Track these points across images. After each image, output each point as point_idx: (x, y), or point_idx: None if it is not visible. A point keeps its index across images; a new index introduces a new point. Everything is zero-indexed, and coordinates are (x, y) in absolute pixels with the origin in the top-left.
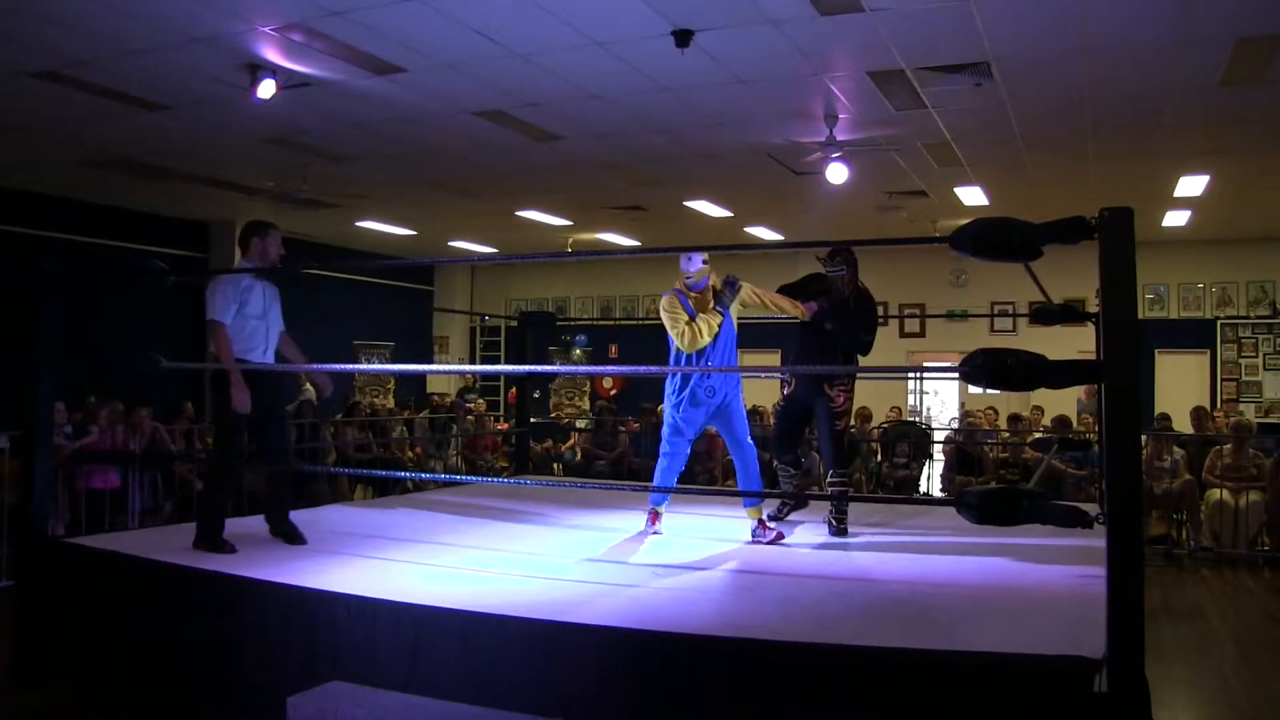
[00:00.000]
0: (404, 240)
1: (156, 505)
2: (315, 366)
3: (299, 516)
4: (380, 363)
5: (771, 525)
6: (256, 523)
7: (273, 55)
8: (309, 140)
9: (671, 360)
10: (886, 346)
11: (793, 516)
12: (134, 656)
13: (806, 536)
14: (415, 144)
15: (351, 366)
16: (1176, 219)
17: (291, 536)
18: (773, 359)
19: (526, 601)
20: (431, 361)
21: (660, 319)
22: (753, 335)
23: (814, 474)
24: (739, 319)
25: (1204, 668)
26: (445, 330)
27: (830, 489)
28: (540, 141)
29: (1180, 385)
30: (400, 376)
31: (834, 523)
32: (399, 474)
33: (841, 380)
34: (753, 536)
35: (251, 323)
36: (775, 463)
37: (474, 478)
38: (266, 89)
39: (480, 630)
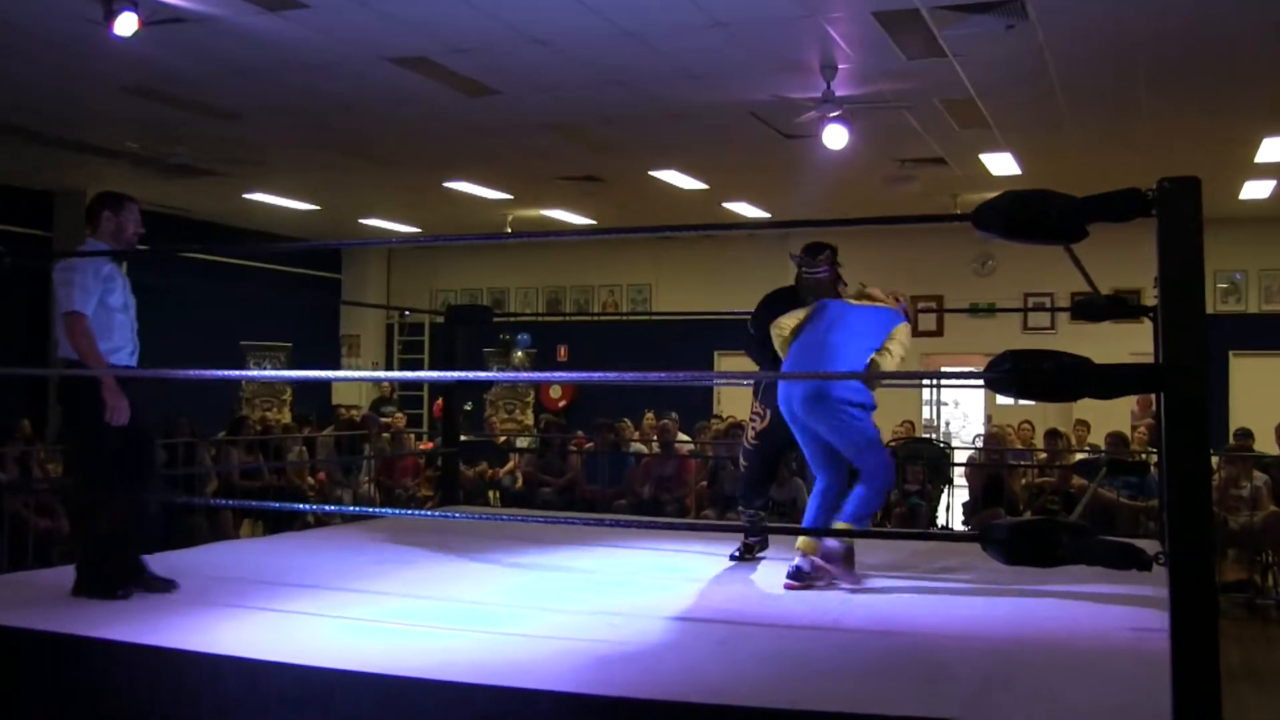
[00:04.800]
0: (304, 217)
1: None
2: (195, 374)
3: (169, 560)
4: (274, 368)
5: (828, 565)
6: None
7: None
8: (182, 91)
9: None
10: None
11: (768, 555)
12: None
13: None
14: (318, 98)
15: (237, 373)
16: (1257, 190)
17: (155, 583)
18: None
19: (459, 661)
20: (338, 366)
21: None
22: (727, 336)
23: (799, 503)
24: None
25: None
26: (355, 328)
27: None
28: (472, 97)
29: (1261, 395)
30: (299, 385)
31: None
32: (297, 505)
33: None
34: (799, 578)
35: (117, 317)
36: (742, 509)
37: (391, 510)
38: (126, 24)
39: (403, 698)
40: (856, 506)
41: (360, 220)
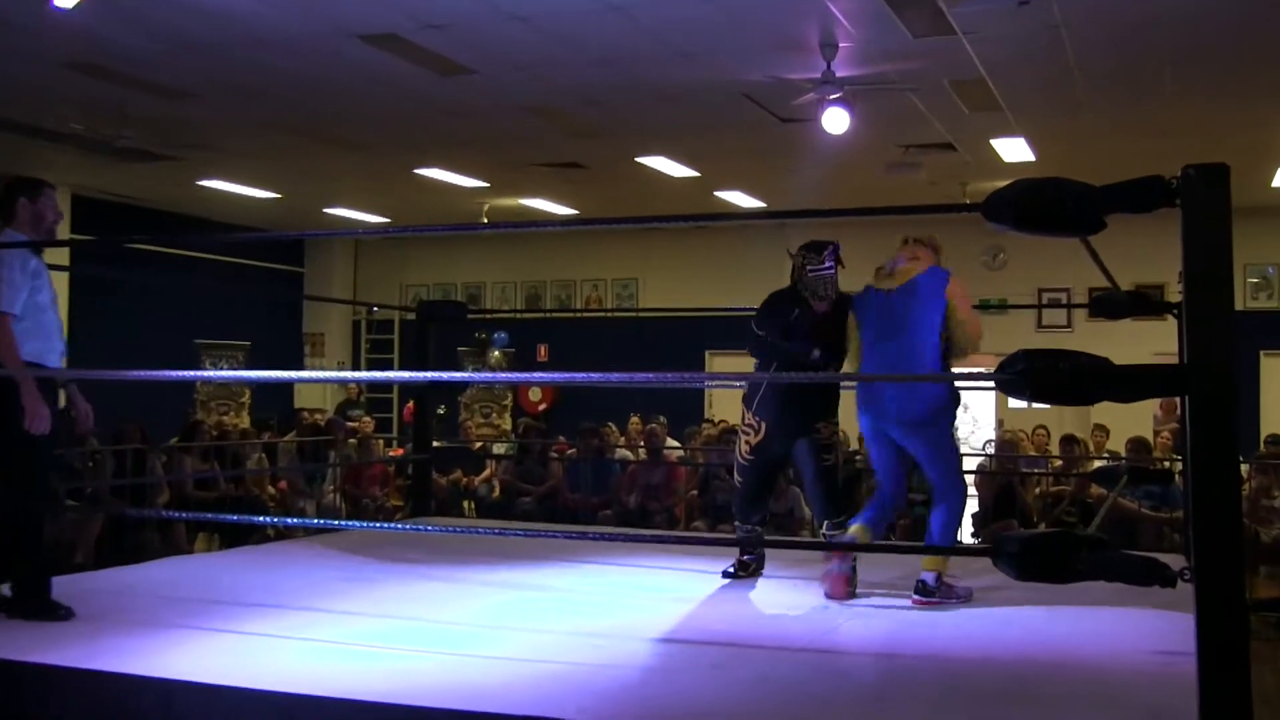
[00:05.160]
0: (264, 206)
1: None
2: (145, 375)
3: (117, 577)
4: (231, 368)
5: (954, 582)
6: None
7: None
8: (130, 68)
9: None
10: None
11: (765, 572)
12: None
13: (791, 598)
14: (278, 77)
15: (192, 374)
16: None
17: (49, 610)
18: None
19: (430, 686)
20: (301, 367)
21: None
22: (719, 334)
23: (796, 514)
24: None
25: None
26: (320, 325)
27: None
28: (446, 76)
29: None
30: (258, 387)
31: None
32: (256, 518)
33: (829, 417)
34: (923, 596)
35: (46, 315)
36: (738, 525)
37: (357, 522)
38: None
39: None
40: (945, 529)
41: (324, 209)
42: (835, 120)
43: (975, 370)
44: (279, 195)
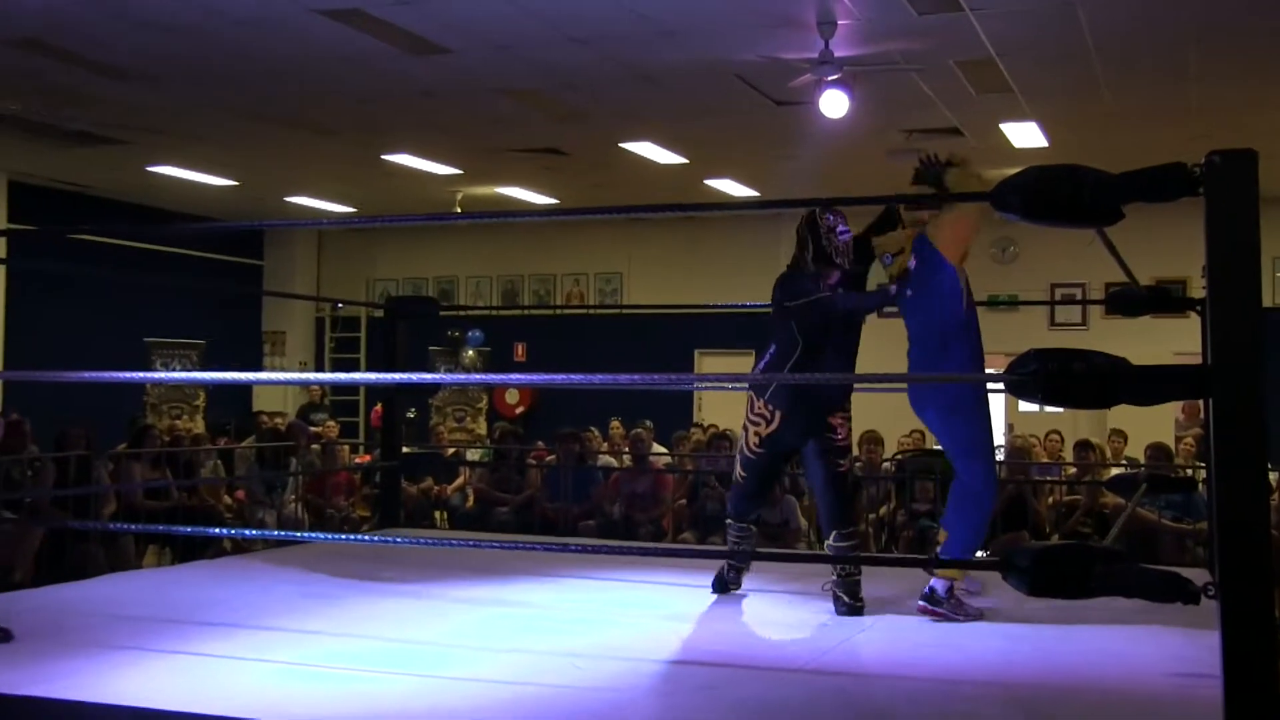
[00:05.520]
0: (221, 194)
1: None
2: (91, 376)
3: (59, 595)
4: (184, 369)
5: (966, 592)
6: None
7: None
8: (75, 45)
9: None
10: (904, 346)
11: (758, 586)
12: None
13: (789, 614)
14: (236, 56)
15: (142, 375)
16: None
17: None
18: (744, 364)
19: (399, 711)
20: (260, 367)
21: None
22: (709, 333)
23: (792, 525)
24: None
25: None
26: (280, 323)
27: (836, 553)
28: (418, 55)
29: None
30: (214, 389)
31: (843, 597)
32: (211, 530)
33: (846, 405)
34: (929, 605)
35: None
36: (732, 522)
37: (321, 534)
38: None
39: None
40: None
41: (286, 198)
42: (833, 103)
43: (984, 374)
44: (236, 183)
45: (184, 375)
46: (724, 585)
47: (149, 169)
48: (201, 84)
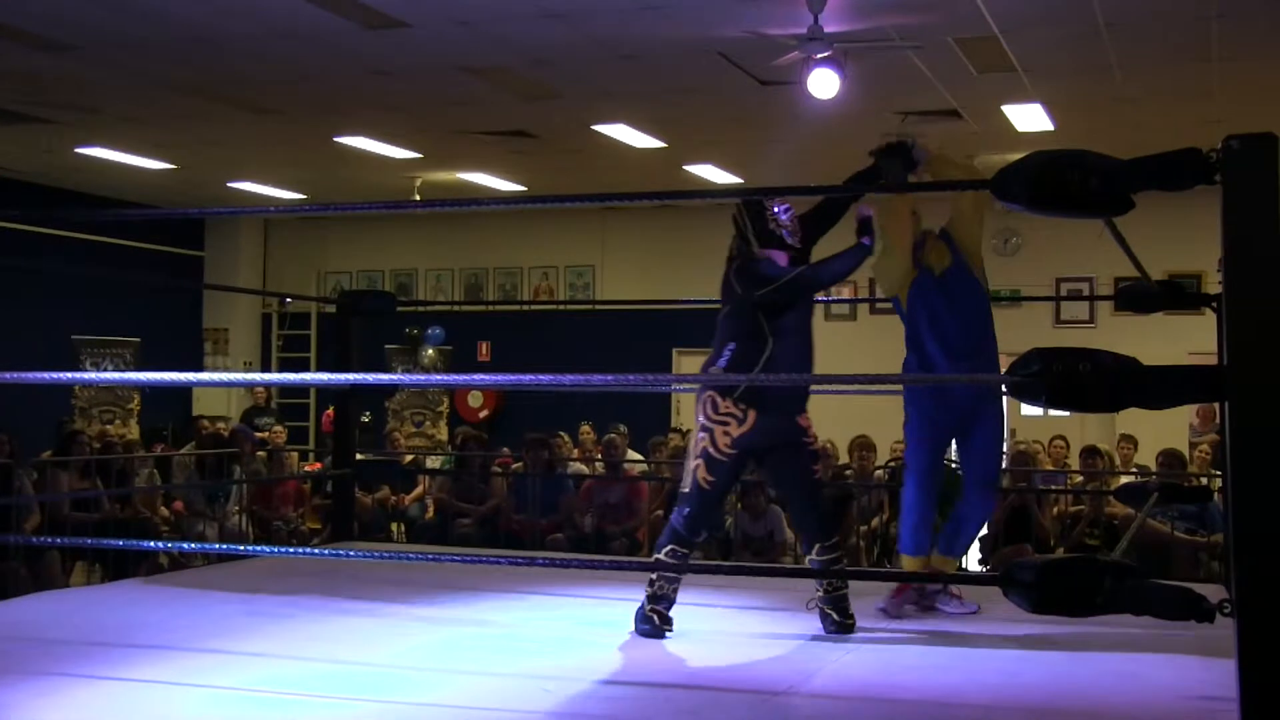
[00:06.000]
0: (158, 179)
1: None
2: (13, 377)
3: None
4: (116, 369)
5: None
6: None
7: None
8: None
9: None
10: (897, 344)
11: (743, 603)
12: None
13: (774, 632)
14: (174, 27)
15: (70, 375)
16: None
17: None
18: None
19: None
20: (200, 367)
21: None
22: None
23: (777, 538)
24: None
25: None
26: (223, 319)
27: (820, 567)
28: (374, 30)
29: None
30: (149, 391)
31: (831, 614)
32: (146, 544)
33: (807, 403)
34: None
35: None
36: (679, 545)
37: (267, 548)
38: None
39: None
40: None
41: (229, 183)
42: (823, 83)
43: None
44: (174, 166)
45: (116, 376)
46: (658, 628)
47: (78, 151)
48: (136, 57)
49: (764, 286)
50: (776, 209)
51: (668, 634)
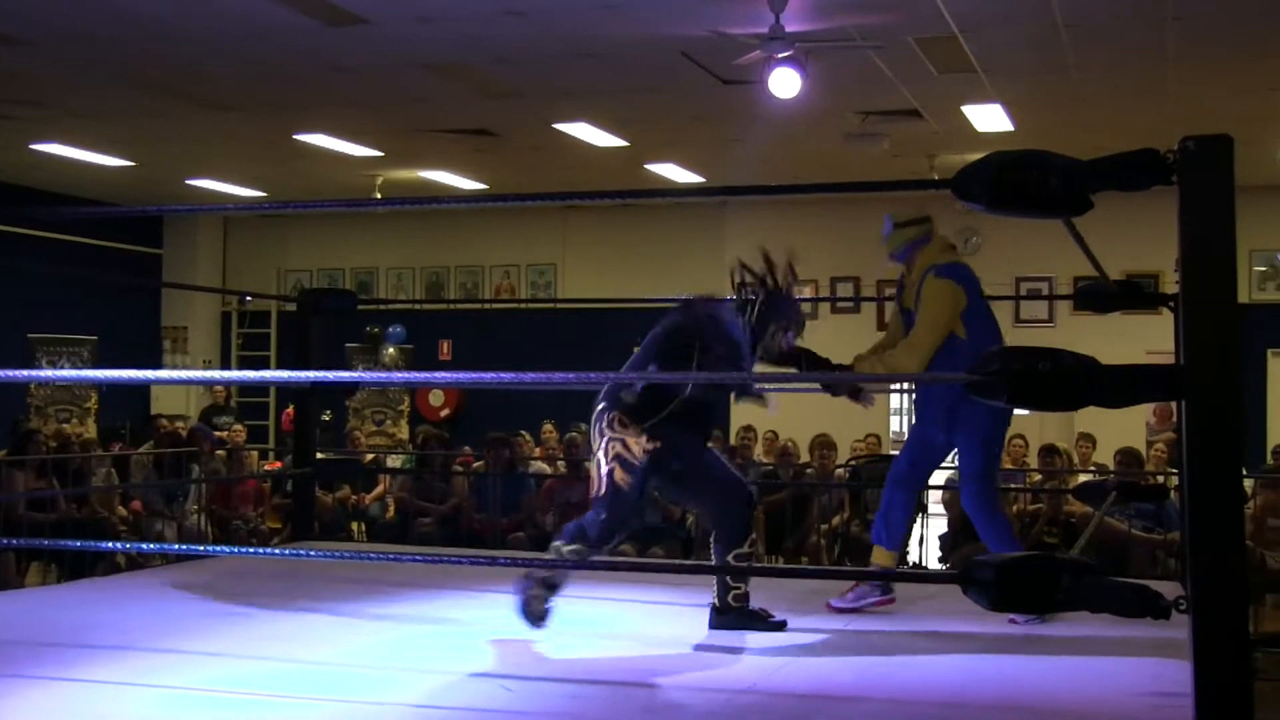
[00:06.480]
0: (116, 176)
1: None
2: None
3: None
4: (73, 367)
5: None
6: None
7: None
8: None
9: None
10: (856, 343)
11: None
12: None
13: (728, 632)
14: (130, 22)
15: (25, 373)
16: None
17: None
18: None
19: None
20: (159, 366)
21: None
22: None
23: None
24: None
25: None
26: (181, 317)
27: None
28: (334, 26)
29: None
30: (107, 390)
31: (726, 603)
32: (103, 544)
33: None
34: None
35: None
36: (590, 548)
37: (226, 547)
38: None
39: None
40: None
41: (187, 181)
42: (785, 83)
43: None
44: (132, 163)
45: (73, 374)
46: (540, 615)
47: (33, 147)
48: (92, 52)
49: (718, 360)
50: (789, 335)
51: (545, 625)
